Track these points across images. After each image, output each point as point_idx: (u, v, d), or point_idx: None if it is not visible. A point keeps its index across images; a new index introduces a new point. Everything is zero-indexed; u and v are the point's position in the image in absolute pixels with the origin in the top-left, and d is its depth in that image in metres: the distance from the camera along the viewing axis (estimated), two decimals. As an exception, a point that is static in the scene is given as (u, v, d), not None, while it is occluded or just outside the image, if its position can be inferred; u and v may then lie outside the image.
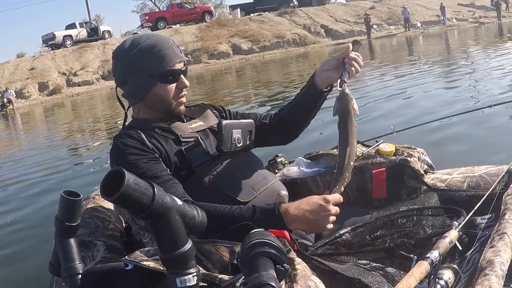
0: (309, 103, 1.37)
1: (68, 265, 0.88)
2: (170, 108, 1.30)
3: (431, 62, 10.43)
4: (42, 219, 3.68)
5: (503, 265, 0.98)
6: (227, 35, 25.08)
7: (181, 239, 0.81)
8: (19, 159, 7.31)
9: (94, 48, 24.26)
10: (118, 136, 1.26)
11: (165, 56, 1.25)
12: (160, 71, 1.25)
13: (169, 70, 1.25)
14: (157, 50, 1.25)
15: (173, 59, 1.25)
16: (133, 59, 1.26)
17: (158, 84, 1.26)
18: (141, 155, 1.19)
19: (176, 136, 1.27)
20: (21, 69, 22.57)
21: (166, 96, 1.28)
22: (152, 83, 1.26)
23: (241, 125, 1.32)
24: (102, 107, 13.77)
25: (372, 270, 1.07)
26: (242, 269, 0.85)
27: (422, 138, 3.34)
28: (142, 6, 41.13)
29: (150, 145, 1.22)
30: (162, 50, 1.25)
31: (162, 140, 1.25)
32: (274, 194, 1.28)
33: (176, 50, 1.28)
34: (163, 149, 1.24)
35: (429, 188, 1.39)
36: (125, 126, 1.33)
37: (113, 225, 1.44)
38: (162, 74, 1.25)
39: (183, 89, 1.30)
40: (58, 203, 0.90)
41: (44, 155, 7.04)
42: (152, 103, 1.30)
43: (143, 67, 1.25)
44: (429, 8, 29.78)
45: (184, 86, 1.29)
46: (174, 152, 1.25)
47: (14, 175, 5.95)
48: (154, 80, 1.25)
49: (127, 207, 0.79)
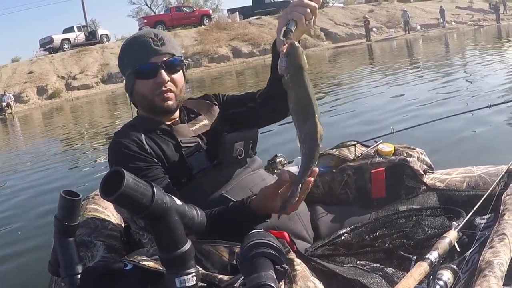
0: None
1: (67, 265, 0.88)
2: (153, 104, 1.26)
3: (431, 64, 10.45)
4: (40, 219, 3.68)
5: (502, 266, 0.98)
6: (227, 39, 25.09)
7: (180, 239, 0.81)
8: (17, 161, 7.32)
9: (92, 51, 24.24)
10: (118, 134, 1.26)
11: (137, 52, 1.23)
12: (134, 68, 1.23)
13: (142, 65, 1.22)
14: (133, 46, 1.25)
15: (146, 53, 1.22)
16: (120, 58, 1.29)
17: (137, 80, 1.25)
18: (138, 158, 1.18)
19: (177, 141, 1.25)
20: (19, 73, 22.47)
21: (145, 93, 1.25)
22: (132, 80, 1.26)
23: (244, 137, 1.29)
24: (102, 111, 13.76)
25: (371, 271, 1.07)
26: (242, 269, 0.85)
27: (421, 138, 3.34)
28: (138, 10, 40.96)
29: (148, 149, 1.21)
30: (136, 46, 1.24)
31: (162, 143, 1.24)
32: None
33: (154, 43, 1.22)
34: (162, 154, 1.22)
35: (428, 188, 1.38)
36: (127, 124, 1.32)
37: (113, 225, 1.44)
38: (136, 70, 1.23)
39: (162, 84, 1.23)
40: (58, 202, 0.90)
41: (42, 157, 7.05)
42: (137, 100, 1.30)
43: (126, 64, 1.27)
44: (428, 11, 29.90)
45: (160, 80, 1.22)
46: (174, 157, 1.23)
47: (13, 176, 5.96)
48: (133, 77, 1.25)
49: (126, 207, 0.80)
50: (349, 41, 25.92)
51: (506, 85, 5.93)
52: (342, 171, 1.51)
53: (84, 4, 33.30)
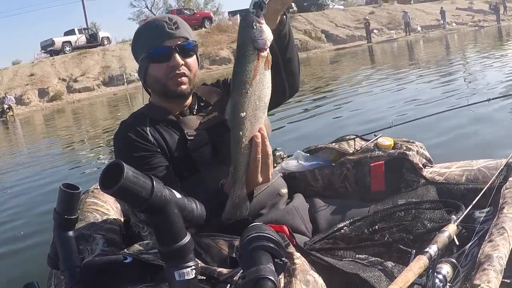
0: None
1: (67, 258, 0.89)
2: (166, 89, 1.24)
3: (431, 64, 10.46)
4: (39, 214, 3.70)
5: (502, 260, 0.98)
6: (228, 41, 25.00)
7: (179, 232, 0.81)
8: (18, 159, 7.34)
9: (94, 54, 24.26)
10: (124, 123, 1.26)
11: (152, 36, 1.23)
12: (148, 51, 1.23)
13: (155, 48, 1.21)
14: (147, 31, 1.25)
15: (160, 36, 1.21)
16: (133, 43, 1.29)
17: (150, 64, 1.24)
18: (140, 148, 1.18)
19: (183, 134, 1.24)
20: (20, 75, 22.49)
21: (159, 76, 1.23)
22: (146, 64, 1.25)
23: None
24: (103, 113, 13.75)
25: (371, 265, 1.07)
26: (241, 262, 0.85)
27: (421, 132, 3.35)
28: (139, 13, 40.88)
29: (152, 139, 1.20)
30: (150, 30, 1.24)
31: (167, 135, 1.23)
32: (274, 193, 1.27)
33: (168, 26, 1.21)
34: (166, 145, 1.21)
35: (428, 181, 1.38)
36: (136, 112, 1.32)
37: (112, 218, 1.44)
38: (150, 54, 1.23)
39: (176, 67, 1.22)
40: (57, 195, 0.90)
41: (42, 157, 7.06)
42: (150, 85, 1.29)
43: (139, 49, 1.26)
44: (428, 12, 29.91)
45: (174, 64, 1.21)
46: (178, 150, 1.22)
47: (14, 177, 5.97)
48: (146, 61, 1.24)
49: (126, 200, 0.80)
50: (350, 42, 25.90)
51: (506, 82, 5.93)
52: (341, 165, 1.51)
53: (85, 7, 33.40)
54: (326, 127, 5.13)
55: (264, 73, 0.98)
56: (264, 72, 0.98)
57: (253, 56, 0.96)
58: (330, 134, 1.54)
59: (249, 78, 0.97)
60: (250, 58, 0.97)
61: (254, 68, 0.97)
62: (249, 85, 0.97)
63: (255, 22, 0.95)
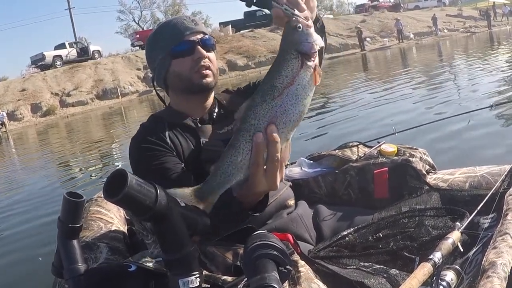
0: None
1: (71, 266, 0.88)
2: (190, 83, 1.22)
3: (428, 71, 10.48)
4: (44, 222, 3.69)
5: (506, 267, 0.98)
6: (221, 52, 24.68)
7: (184, 240, 0.81)
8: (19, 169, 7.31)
9: (85, 68, 23.99)
10: (144, 127, 1.25)
11: (173, 32, 1.22)
12: (170, 48, 1.22)
13: (178, 44, 1.21)
14: (165, 30, 1.25)
15: (182, 32, 1.21)
16: (151, 48, 1.28)
17: (173, 61, 1.23)
18: (157, 149, 1.17)
19: (198, 142, 1.22)
20: (12, 90, 22.06)
21: (183, 71, 1.22)
22: (167, 62, 1.24)
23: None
24: (97, 127, 13.56)
25: (375, 273, 1.07)
26: (245, 271, 0.85)
27: (424, 139, 3.35)
28: (126, 27, 40.69)
29: (169, 142, 1.19)
30: (169, 29, 1.24)
31: (183, 141, 1.22)
32: (282, 204, 1.27)
33: (187, 22, 1.22)
34: (182, 152, 1.20)
35: (431, 188, 1.37)
36: (156, 114, 1.31)
37: (116, 227, 1.44)
38: (172, 50, 1.22)
39: (200, 60, 1.21)
40: (61, 204, 0.90)
41: (42, 163, 7.05)
42: (173, 84, 1.27)
43: (158, 50, 1.25)
44: (420, 19, 30.15)
45: (199, 56, 1.20)
46: (191, 158, 1.20)
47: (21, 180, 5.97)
48: (168, 58, 1.23)
49: (130, 209, 0.79)
50: (343, 51, 26.00)
51: (507, 87, 5.93)
52: (344, 172, 1.51)
53: (74, 22, 33.19)
54: (329, 134, 5.13)
55: (304, 86, 0.81)
56: (304, 85, 0.81)
57: (294, 62, 0.81)
58: (333, 141, 1.54)
59: (281, 84, 0.80)
60: (289, 63, 0.80)
61: (292, 74, 0.80)
62: (279, 92, 0.80)
63: (300, 24, 0.81)
